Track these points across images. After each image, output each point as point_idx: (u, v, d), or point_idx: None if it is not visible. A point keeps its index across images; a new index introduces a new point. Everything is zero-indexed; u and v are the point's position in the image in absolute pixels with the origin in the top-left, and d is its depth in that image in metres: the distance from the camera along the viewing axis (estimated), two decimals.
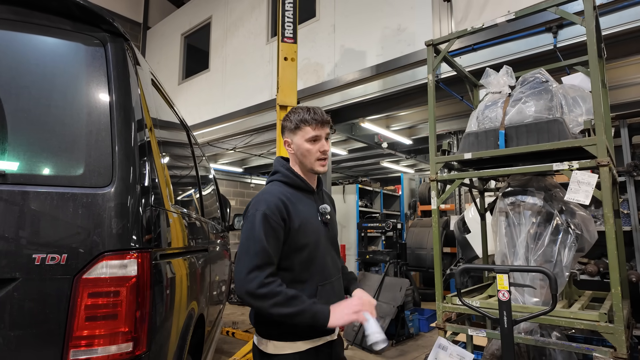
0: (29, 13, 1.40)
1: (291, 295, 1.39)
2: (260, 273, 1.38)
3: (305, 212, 1.55)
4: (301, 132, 1.55)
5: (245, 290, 1.37)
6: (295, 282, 1.49)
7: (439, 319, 2.56)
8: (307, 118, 1.54)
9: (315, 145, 1.56)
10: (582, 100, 2.50)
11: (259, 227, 1.42)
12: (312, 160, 1.57)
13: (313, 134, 1.54)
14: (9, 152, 1.26)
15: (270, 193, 1.51)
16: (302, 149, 1.56)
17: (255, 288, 1.36)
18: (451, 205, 7.14)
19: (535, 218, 2.44)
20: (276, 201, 1.47)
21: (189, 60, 9.07)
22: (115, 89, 1.41)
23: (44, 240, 1.22)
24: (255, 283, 1.36)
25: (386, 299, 4.97)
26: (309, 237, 1.53)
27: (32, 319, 1.18)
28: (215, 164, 9.51)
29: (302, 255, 1.51)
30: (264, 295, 1.36)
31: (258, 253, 1.40)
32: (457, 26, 4.37)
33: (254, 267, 1.38)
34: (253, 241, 1.41)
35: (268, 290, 1.36)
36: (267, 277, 1.38)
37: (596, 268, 3.64)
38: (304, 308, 1.38)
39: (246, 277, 1.37)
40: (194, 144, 3.07)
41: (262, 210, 1.44)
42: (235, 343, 4.80)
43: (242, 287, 1.37)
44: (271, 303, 1.36)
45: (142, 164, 1.41)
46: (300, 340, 1.49)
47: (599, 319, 2.05)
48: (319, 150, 1.56)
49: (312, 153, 1.56)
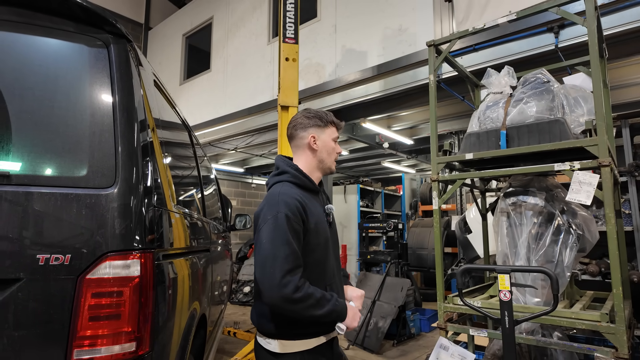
0: (32, 15, 1.41)
1: (320, 296, 1.43)
2: (293, 277, 1.37)
3: (316, 213, 1.57)
4: (329, 131, 1.68)
5: (281, 296, 1.34)
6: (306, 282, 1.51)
7: (440, 319, 2.56)
8: (335, 120, 1.71)
9: (337, 145, 1.71)
10: (583, 100, 2.50)
11: (285, 230, 1.41)
12: (332, 159, 1.70)
13: (337, 135, 1.71)
14: (13, 153, 1.27)
15: (287, 194, 1.51)
16: (328, 146, 1.67)
17: (291, 293, 1.35)
18: (452, 206, 7.13)
19: (536, 218, 2.44)
20: (295, 202, 1.48)
21: (191, 61, 9.08)
22: (118, 90, 1.42)
23: (47, 241, 1.23)
24: (291, 287, 1.35)
25: (387, 299, 4.97)
26: (320, 237, 1.56)
27: (36, 319, 1.19)
28: (217, 164, 9.52)
29: (314, 255, 1.53)
30: (300, 299, 1.36)
31: (289, 256, 1.39)
32: (459, 26, 4.36)
33: (287, 272, 1.37)
34: (281, 244, 1.39)
35: (303, 294, 1.37)
36: (299, 280, 1.39)
37: (597, 268, 3.64)
38: (333, 308, 1.46)
39: (280, 282, 1.35)
40: (195, 144, 3.08)
41: (284, 212, 1.43)
42: (237, 343, 4.81)
43: (278, 292, 1.35)
44: (306, 305, 1.38)
45: (144, 164, 1.41)
46: (307, 338, 1.51)
47: (600, 319, 2.05)
48: (337, 151, 1.72)
49: (334, 152, 1.70)
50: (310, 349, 1.51)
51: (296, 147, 1.69)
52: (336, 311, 1.46)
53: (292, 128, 1.68)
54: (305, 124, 1.65)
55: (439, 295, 2.60)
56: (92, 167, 1.31)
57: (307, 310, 1.39)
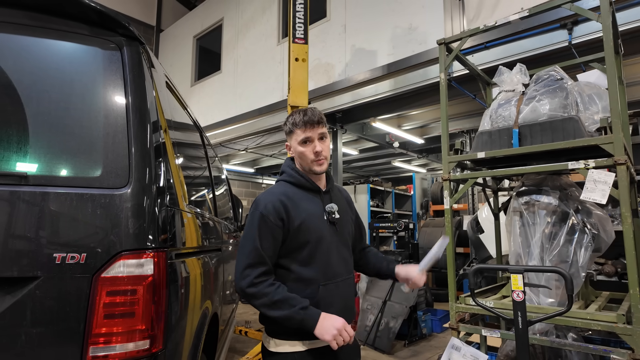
0: (47, 19, 1.44)
1: (277, 299, 1.41)
2: (251, 272, 1.44)
3: (308, 211, 1.56)
4: (294, 136, 1.59)
5: (239, 287, 1.46)
6: (297, 281, 1.51)
7: (452, 319, 2.54)
8: (297, 121, 1.57)
9: (308, 147, 1.57)
10: (598, 97, 2.45)
11: (255, 227, 1.49)
12: (308, 161, 1.58)
13: (303, 136, 1.56)
14: (30, 155, 1.30)
15: (272, 193, 1.56)
16: (297, 151, 1.61)
17: (245, 286, 1.44)
18: (464, 205, 7.07)
19: (550, 217, 2.41)
20: (275, 201, 1.52)
21: (201, 62, 9.16)
22: (132, 92, 1.44)
23: (64, 240, 1.25)
24: (246, 281, 1.44)
25: (398, 299, 4.95)
26: (310, 235, 1.53)
27: (53, 317, 1.21)
28: (228, 165, 9.59)
29: (302, 254, 1.53)
30: (253, 295, 1.43)
31: (251, 252, 1.47)
32: (469, 24, 4.33)
33: (247, 265, 1.45)
34: (248, 240, 1.48)
35: (256, 290, 1.43)
36: (257, 277, 1.44)
37: (613, 268, 3.57)
38: (290, 314, 1.40)
39: (240, 274, 1.45)
40: (206, 145, 3.11)
41: (260, 210, 1.51)
42: (248, 342, 4.83)
43: (237, 283, 1.47)
44: (259, 303, 1.44)
45: (157, 165, 1.43)
46: (298, 341, 1.49)
47: (616, 320, 2.01)
48: (313, 152, 1.57)
49: (306, 155, 1.58)
50: (301, 352, 1.48)
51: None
52: (296, 319, 1.40)
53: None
54: (285, 132, 1.68)
55: (451, 295, 2.58)
56: (106, 167, 1.33)
57: (261, 308, 1.44)
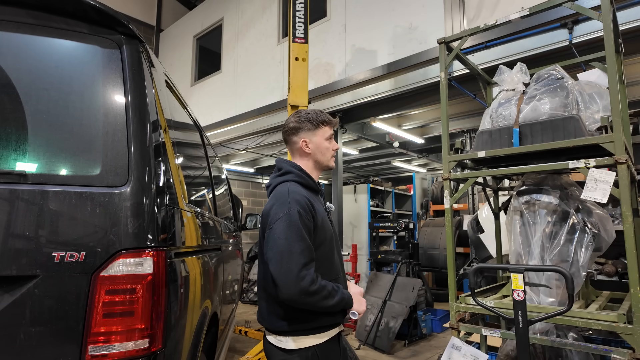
0: (47, 17, 1.44)
1: (330, 287, 1.49)
2: (309, 270, 1.44)
3: (320, 210, 1.63)
4: (321, 132, 1.71)
5: (299, 289, 1.40)
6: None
7: (452, 318, 2.54)
8: (326, 119, 1.73)
9: (331, 143, 1.74)
10: (598, 96, 2.45)
11: (298, 226, 1.47)
12: (329, 157, 1.73)
13: (331, 132, 1.74)
14: (29, 153, 1.29)
15: (297, 193, 1.57)
16: (322, 147, 1.71)
17: (308, 285, 1.41)
18: (464, 205, 7.06)
19: (550, 217, 2.40)
20: (305, 200, 1.55)
21: (201, 62, 9.16)
22: (131, 91, 1.44)
23: (63, 239, 1.25)
24: (308, 280, 1.42)
25: (398, 299, 4.95)
26: (326, 233, 1.62)
27: (51, 315, 1.21)
28: (228, 165, 9.58)
29: (321, 251, 1.58)
30: (316, 291, 1.43)
31: (304, 251, 1.45)
32: (470, 23, 4.32)
33: (303, 265, 1.43)
34: (296, 240, 1.45)
35: (319, 286, 1.44)
36: (314, 274, 1.46)
37: (614, 268, 3.56)
38: (342, 296, 1.52)
39: (298, 275, 1.40)
40: (206, 145, 3.10)
41: (296, 208, 1.50)
42: (248, 342, 4.83)
43: (295, 286, 1.40)
44: (321, 297, 1.45)
45: (157, 164, 1.43)
46: (320, 332, 1.55)
47: (617, 320, 2.00)
48: (333, 148, 1.74)
49: (329, 151, 1.73)
50: (320, 343, 1.55)
51: (292, 150, 1.76)
52: (344, 299, 1.54)
53: (285, 133, 1.74)
54: (297, 128, 1.70)
55: (451, 295, 2.58)
56: (105, 166, 1.33)
57: (322, 301, 1.45)
